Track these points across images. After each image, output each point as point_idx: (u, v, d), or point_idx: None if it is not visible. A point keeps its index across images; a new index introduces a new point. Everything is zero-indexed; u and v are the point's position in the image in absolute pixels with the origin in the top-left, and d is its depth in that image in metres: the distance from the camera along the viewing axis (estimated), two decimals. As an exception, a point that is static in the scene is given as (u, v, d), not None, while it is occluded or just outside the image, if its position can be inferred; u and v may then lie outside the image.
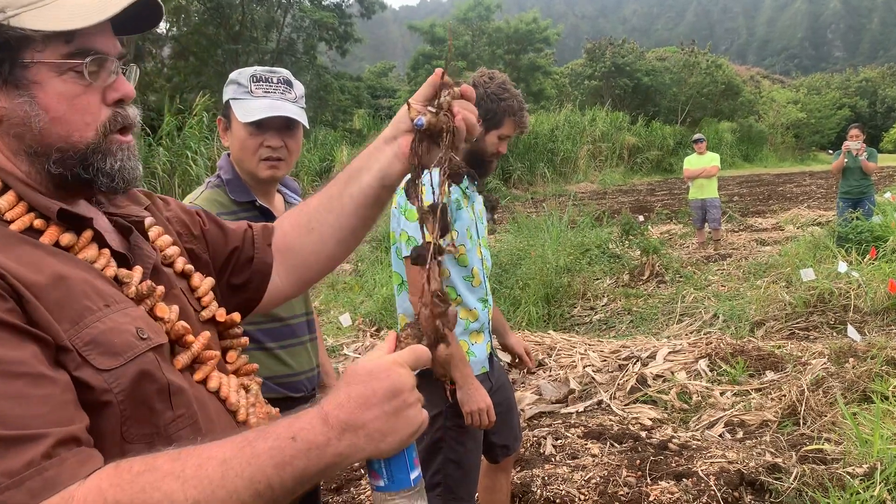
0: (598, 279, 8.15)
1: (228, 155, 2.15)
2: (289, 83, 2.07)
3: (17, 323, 0.80)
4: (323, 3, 23.43)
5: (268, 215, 2.12)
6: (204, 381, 1.03)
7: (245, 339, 1.18)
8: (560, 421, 4.51)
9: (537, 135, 25.35)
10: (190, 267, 1.14)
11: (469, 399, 2.37)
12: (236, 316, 1.17)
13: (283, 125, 2.04)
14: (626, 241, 9.03)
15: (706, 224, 10.73)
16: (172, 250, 1.13)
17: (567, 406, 4.73)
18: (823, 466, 3.54)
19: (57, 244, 0.92)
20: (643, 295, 7.53)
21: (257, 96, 2.01)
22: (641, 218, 10.67)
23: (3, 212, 0.90)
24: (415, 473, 0.91)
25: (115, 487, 0.74)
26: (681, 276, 7.95)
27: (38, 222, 0.92)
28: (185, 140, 13.59)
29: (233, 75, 2.07)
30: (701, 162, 10.73)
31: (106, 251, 0.97)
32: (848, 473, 3.33)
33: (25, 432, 0.73)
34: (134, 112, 1.01)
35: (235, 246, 1.26)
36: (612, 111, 30.19)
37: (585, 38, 42.23)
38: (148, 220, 1.13)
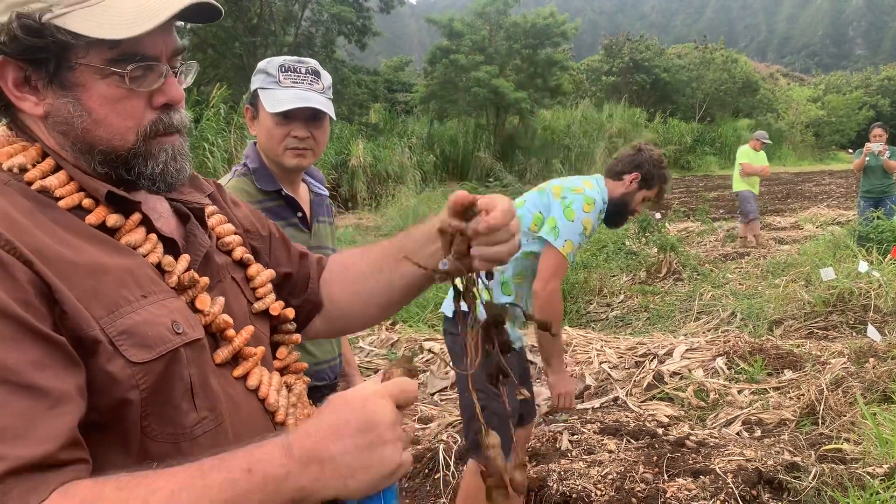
0: (614, 276, 8.12)
1: (255, 143, 2.16)
2: (317, 73, 2.06)
3: (28, 320, 0.76)
4: (341, -3, 23.48)
5: (293, 204, 2.13)
6: (244, 378, 1.01)
7: (297, 337, 1.16)
8: (576, 416, 4.50)
9: (553, 130, 25.25)
10: (249, 256, 1.13)
11: (560, 383, 2.79)
12: (290, 312, 1.15)
13: (310, 116, 2.04)
14: (643, 238, 8.98)
15: (745, 216, 10.36)
16: (233, 238, 1.12)
17: (583, 402, 4.72)
18: (843, 466, 3.52)
19: (103, 225, 0.91)
20: (660, 292, 7.50)
21: (285, 86, 2.01)
22: (658, 215, 10.60)
23: (52, 189, 0.89)
24: None
25: None
26: (698, 274, 7.91)
27: (87, 202, 0.91)
28: (202, 132, 13.66)
29: (261, 64, 2.07)
30: (758, 158, 10.40)
31: (153, 236, 0.96)
32: (868, 473, 3.30)
33: None
34: (180, 116, 0.98)
35: (288, 271, 1.25)
36: (630, 107, 30.00)
37: (603, 34, 41.98)
38: (210, 208, 1.12)
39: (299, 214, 2.15)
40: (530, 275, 2.82)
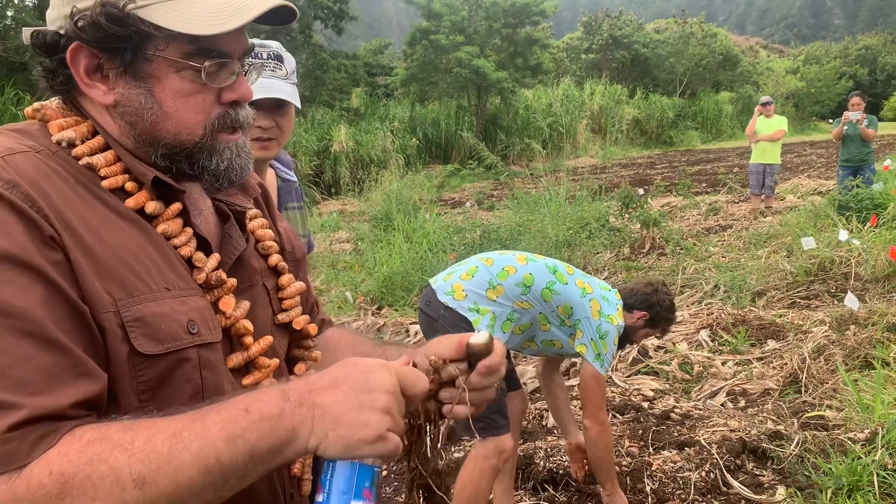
0: (598, 253, 8.14)
1: None
2: (279, 58, 1.97)
3: (57, 280, 0.77)
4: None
5: None
6: (253, 388, 0.99)
7: (317, 354, 1.14)
8: (562, 393, 4.52)
9: (535, 110, 25.17)
10: (284, 265, 1.12)
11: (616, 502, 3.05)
12: (312, 328, 1.13)
13: (274, 104, 1.95)
14: (626, 215, 9.00)
15: (762, 190, 10.43)
16: (272, 244, 1.11)
17: (569, 378, 4.74)
18: (825, 433, 3.57)
19: (142, 210, 0.91)
20: (644, 268, 7.52)
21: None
22: (641, 191, 10.60)
23: (98, 167, 0.90)
24: None
25: (63, 457, 0.72)
26: (681, 248, 7.94)
27: (129, 185, 0.92)
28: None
29: None
30: (769, 125, 10.44)
31: (188, 229, 0.96)
32: (849, 439, 3.35)
33: (5, 398, 0.71)
34: (246, 113, 0.99)
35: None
36: (611, 84, 29.95)
37: (582, 11, 41.84)
38: (252, 212, 1.11)
39: None
40: (529, 332, 2.97)
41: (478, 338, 0.95)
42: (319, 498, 0.82)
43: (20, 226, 0.77)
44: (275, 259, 1.10)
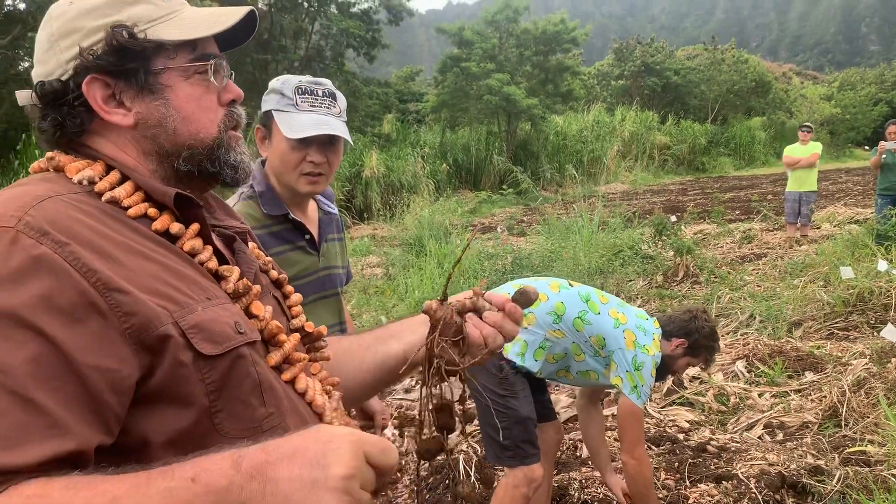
0: (631, 280, 8.09)
1: (262, 163, 2.09)
2: (333, 96, 2.01)
3: (57, 339, 0.77)
4: (350, 10, 23.56)
5: (300, 228, 2.09)
6: (291, 383, 1.04)
7: (329, 354, 1.19)
8: (596, 423, 4.48)
9: (566, 136, 25.22)
10: (284, 276, 1.20)
11: None
12: (323, 329, 1.20)
13: (327, 140, 2.00)
14: (660, 242, 8.93)
15: (798, 218, 10.37)
16: (268, 260, 1.20)
17: (603, 409, 4.71)
18: (867, 468, 3.49)
19: (167, 232, 0.97)
20: (678, 296, 7.46)
21: (303, 110, 1.94)
22: (674, 218, 10.53)
23: (120, 199, 0.95)
24: None
25: None
26: (716, 277, 7.85)
27: (151, 211, 0.98)
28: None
29: (275, 84, 1.99)
30: (803, 152, 10.39)
31: (209, 247, 1.02)
32: (892, 475, 3.27)
33: None
34: (241, 112, 1.10)
35: None
36: (642, 111, 29.91)
37: (612, 38, 41.97)
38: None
39: (307, 237, 2.11)
40: (563, 362, 2.94)
41: (527, 291, 1.09)
42: None
43: (44, 280, 0.79)
44: (274, 273, 1.19)
